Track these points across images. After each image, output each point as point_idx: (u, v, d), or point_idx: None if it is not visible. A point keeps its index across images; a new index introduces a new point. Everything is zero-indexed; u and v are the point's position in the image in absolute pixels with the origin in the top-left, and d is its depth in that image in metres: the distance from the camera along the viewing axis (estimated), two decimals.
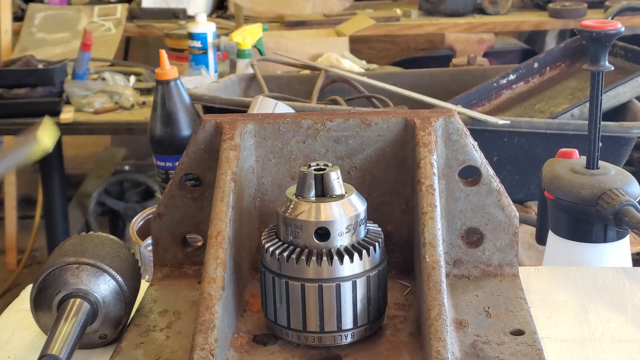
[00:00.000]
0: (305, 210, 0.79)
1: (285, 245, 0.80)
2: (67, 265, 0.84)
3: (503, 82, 2.24)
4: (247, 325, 0.86)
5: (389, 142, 0.93)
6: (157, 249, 0.97)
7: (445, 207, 0.92)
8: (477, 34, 3.14)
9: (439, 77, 2.44)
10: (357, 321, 0.81)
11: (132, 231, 1.54)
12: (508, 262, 0.94)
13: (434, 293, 0.79)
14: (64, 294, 0.83)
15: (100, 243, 0.88)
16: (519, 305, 0.89)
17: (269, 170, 0.94)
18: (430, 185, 0.86)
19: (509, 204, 0.92)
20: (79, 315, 0.81)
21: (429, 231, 0.83)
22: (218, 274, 0.80)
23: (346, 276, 0.79)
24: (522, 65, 2.27)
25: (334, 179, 0.80)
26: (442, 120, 0.91)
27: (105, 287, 0.84)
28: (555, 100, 2.14)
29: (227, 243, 0.82)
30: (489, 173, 0.92)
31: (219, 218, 0.84)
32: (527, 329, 0.84)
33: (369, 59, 3.15)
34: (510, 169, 1.90)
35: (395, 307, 0.89)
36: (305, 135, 0.92)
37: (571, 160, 1.18)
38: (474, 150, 0.91)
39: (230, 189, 0.86)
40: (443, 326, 0.76)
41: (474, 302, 0.89)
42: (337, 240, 0.79)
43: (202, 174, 0.94)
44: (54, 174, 3.03)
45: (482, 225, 0.93)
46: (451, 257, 0.94)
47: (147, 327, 0.88)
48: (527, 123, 1.89)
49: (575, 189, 1.12)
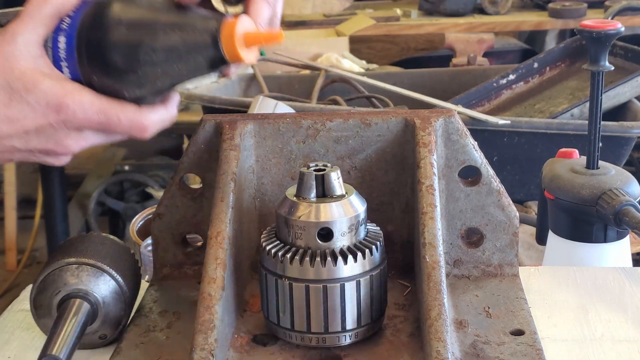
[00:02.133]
0: (307, 211, 0.79)
1: (287, 247, 0.80)
2: (67, 265, 0.84)
3: (503, 82, 2.24)
4: (247, 325, 0.86)
5: (389, 142, 0.93)
6: (157, 249, 0.97)
7: (445, 207, 0.92)
8: (477, 34, 3.14)
9: (439, 77, 2.44)
10: (360, 321, 0.81)
11: (132, 231, 1.54)
12: (508, 262, 0.94)
13: (434, 293, 0.79)
14: (64, 294, 0.83)
15: (100, 243, 0.88)
16: (519, 305, 0.89)
17: (269, 170, 0.94)
18: (430, 186, 0.86)
19: (509, 204, 0.92)
20: (79, 316, 0.81)
21: (429, 231, 0.83)
22: (218, 274, 0.80)
23: (349, 276, 0.79)
24: (522, 65, 2.27)
25: (334, 179, 0.80)
26: (442, 120, 0.91)
27: (105, 287, 0.84)
28: (555, 100, 2.14)
29: (227, 243, 0.82)
30: (489, 173, 0.92)
31: (219, 218, 0.84)
32: (527, 329, 0.84)
33: (369, 59, 3.14)
34: (510, 169, 1.90)
35: (395, 307, 0.89)
36: (305, 135, 0.92)
37: (571, 160, 1.18)
38: (474, 150, 0.91)
39: (230, 189, 0.86)
40: (443, 326, 0.76)
41: (474, 302, 0.89)
42: (339, 240, 0.79)
43: (202, 174, 0.94)
44: (53, 174, 3.03)
45: (482, 225, 0.93)
46: (451, 257, 0.94)
47: (147, 327, 0.88)
48: (527, 123, 1.89)
49: (575, 189, 1.12)
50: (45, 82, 0.77)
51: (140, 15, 0.78)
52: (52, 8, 0.77)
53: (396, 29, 3.39)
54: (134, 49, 0.77)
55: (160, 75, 0.78)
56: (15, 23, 0.78)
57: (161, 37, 0.77)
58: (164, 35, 0.77)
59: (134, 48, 0.77)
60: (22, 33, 0.77)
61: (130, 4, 0.78)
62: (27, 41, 0.77)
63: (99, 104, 0.78)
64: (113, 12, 0.77)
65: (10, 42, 0.77)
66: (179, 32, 0.77)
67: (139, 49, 0.77)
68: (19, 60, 0.77)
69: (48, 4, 0.77)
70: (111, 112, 0.78)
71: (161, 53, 0.77)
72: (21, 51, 0.77)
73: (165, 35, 0.77)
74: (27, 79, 0.77)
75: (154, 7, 0.79)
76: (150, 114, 0.80)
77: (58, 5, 0.78)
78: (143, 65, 0.77)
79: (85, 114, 0.78)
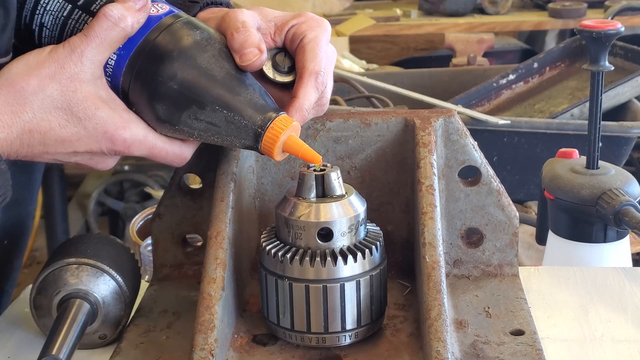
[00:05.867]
0: (307, 211, 0.79)
1: (287, 247, 0.80)
2: (67, 265, 0.84)
3: (503, 82, 2.24)
4: (247, 325, 0.86)
5: (389, 142, 0.93)
6: (157, 249, 0.97)
7: (445, 207, 0.92)
8: (477, 34, 3.14)
9: (439, 77, 2.44)
10: (360, 321, 0.81)
11: (132, 231, 1.54)
12: (508, 262, 0.94)
13: (434, 293, 0.79)
14: (64, 294, 0.83)
15: (100, 243, 0.88)
16: (519, 305, 0.88)
17: (269, 170, 0.94)
18: (430, 185, 0.86)
19: (508, 204, 0.92)
20: (79, 316, 0.81)
21: (428, 231, 0.83)
22: (218, 274, 0.80)
23: (349, 276, 0.79)
24: (522, 65, 2.27)
25: (334, 179, 0.80)
26: (442, 120, 0.91)
27: (105, 287, 0.84)
28: (555, 100, 2.14)
29: (226, 243, 0.82)
30: (488, 173, 0.92)
31: (218, 218, 0.84)
32: (527, 329, 0.84)
33: (368, 59, 3.14)
34: (510, 169, 1.90)
35: (395, 307, 0.89)
36: (305, 135, 0.92)
37: (571, 160, 1.18)
38: (474, 150, 0.91)
39: (230, 189, 0.86)
40: (443, 326, 0.76)
41: (474, 302, 0.89)
42: (339, 240, 0.79)
43: (202, 173, 0.94)
44: (53, 174, 3.03)
45: (482, 225, 0.93)
46: (451, 257, 0.94)
47: (147, 327, 0.88)
48: (527, 123, 1.89)
49: (575, 189, 1.12)
50: (105, 111, 0.77)
51: (196, 79, 0.78)
52: (122, 33, 0.77)
53: (396, 29, 3.39)
54: (179, 109, 0.78)
55: (195, 136, 0.80)
56: (82, 41, 0.76)
57: (207, 111, 0.78)
58: (210, 112, 0.78)
59: (179, 109, 0.78)
60: (89, 54, 0.76)
61: (191, 58, 0.78)
62: (93, 63, 0.77)
63: (152, 140, 0.80)
64: (171, 65, 0.77)
65: (77, 63, 0.76)
66: (225, 113, 0.78)
67: (183, 111, 0.78)
68: (83, 84, 0.76)
69: (117, 28, 0.76)
70: (161, 147, 0.80)
71: (202, 123, 0.79)
72: (86, 73, 0.76)
73: (212, 112, 0.78)
74: (88, 105, 0.76)
75: (212, 73, 0.78)
76: (192, 146, 0.83)
77: (127, 31, 0.77)
78: (182, 125, 0.79)
79: (139, 149, 0.79)
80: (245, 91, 0.79)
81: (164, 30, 0.79)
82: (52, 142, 0.77)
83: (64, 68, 0.75)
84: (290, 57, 0.86)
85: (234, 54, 0.80)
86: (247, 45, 0.80)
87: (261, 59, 0.80)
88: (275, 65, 0.85)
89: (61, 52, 0.76)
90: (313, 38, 0.84)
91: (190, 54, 0.78)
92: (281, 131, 0.78)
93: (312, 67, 0.83)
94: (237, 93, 0.78)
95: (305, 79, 0.83)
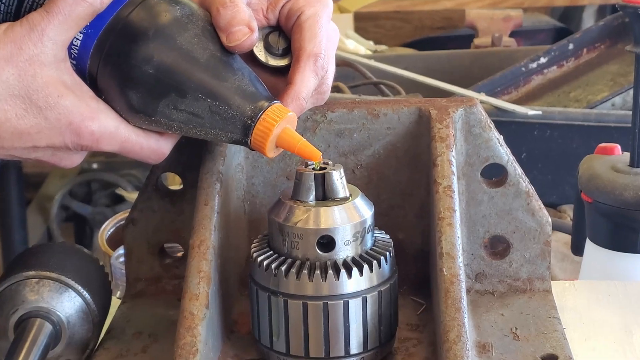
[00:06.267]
0: (305, 216, 0.79)
1: (282, 258, 0.80)
2: (26, 279, 0.84)
3: (533, 66, 2.24)
4: (235, 349, 0.87)
5: (400, 136, 0.93)
6: (131, 261, 0.97)
7: (466, 212, 0.92)
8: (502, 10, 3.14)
9: (459, 60, 2.44)
10: (367, 345, 0.81)
11: (102, 240, 1.54)
12: (539, 276, 0.94)
13: (452, 312, 0.79)
14: (22, 313, 0.83)
15: (64, 254, 0.88)
16: (551, 326, 0.89)
17: (261, 168, 0.94)
18: (448, 187, 0.86)
19: (539, 208, 0.93)
20: (40, 338, 0.81)
21: (446, 240, 0.83)
22: (201, 290, 0.80)
23: (354, 292, 0.80)
24: (555, 47, 2.27)
25: (337, 179, 0.80)
26: (462, 111, 0.91)
27: (70, 304, 0.85)
28: (594, 88, 2.14)
29: (211, 254, 0.83)
30: (516, 172, 0.92)
31: (202, 225, 0.84)
32: (561, 354, 0.84)
33: (376, 39, 3.15)
34: (541, 167, 1.90)
35: (407, 328, 0.89)
36: (303, 128, 0.92)
37: (612, 157, 1.19)
38: (499, 145, 0.91)
39: (216, 190, 0.86)
40: (463, 350, 0.77)
41: (499, 322, 0.89)
42: (342, 250, 0.79)
43: (183, 173, 0.94)
44: (9, 173, 3.03)
45: (508, 232, 0.93)
46: (473, 270, 0.94)
47: (119, 351, 0.88)
48: (561, 114, 1.90)
49: (617, 191, 1.12)
50: (69, 99, 0.77)
51: (175, 62, 0.78)
52: (89, 8, 0.76)
53: (408, 4, 3.39)
54: (155, 97, 0.78)
55: (174, 128, 0.80)
56: (42, 18, 0.76)
57: (189, 99, 0.78)
58: (192, 100, 0.78)
59: (156, 97, 0.78)
60: (51, 33, 0.76)
61: (170, 38, 0.78)
62: (55, 44, 0.76)
63: (125, 133, 0.79)
64: (147, 45, 0.77)
65: (36, 43, 0.75)
66: (209, 102, 0.78)
67: (160, 100, 0.78)
68: (44, 67, 0.76)
69: (84, 3, 0.76)
70: (134, 141, 0.80)
71: (183, 114, 0.78)
72: (48, 55, 0.76)
73: (194, 101, 0.78)
74: (50, 92, 0.76)
75: (194, 55, 0.78)
76: (170, 140, 0.82)
77: (95, 6, 0.76)
78: (159, 116, 0.79)
79: (109, 143, 0.79)
80: (233, 76, 0.79)
81: (138, 5, 0.79)
82: (8, 135, 0.77)
83: (21, 49, 0.75)
84: (285, 37, 0.86)
85: (219, 33, 0.80)
86: (235, 22, 0.80)
87: (251, 38, 0.81)
88: (268, 47, 0.85)
89: (18, 30, 0.76)
90: (312, 15, 0.84)
91: (169, 32, 0.78)
92: (274, 123, 0.78)
93: (310, 49, 0.83)
94: (223, 79, 0.78)
95: (302, 63, 0.83)
